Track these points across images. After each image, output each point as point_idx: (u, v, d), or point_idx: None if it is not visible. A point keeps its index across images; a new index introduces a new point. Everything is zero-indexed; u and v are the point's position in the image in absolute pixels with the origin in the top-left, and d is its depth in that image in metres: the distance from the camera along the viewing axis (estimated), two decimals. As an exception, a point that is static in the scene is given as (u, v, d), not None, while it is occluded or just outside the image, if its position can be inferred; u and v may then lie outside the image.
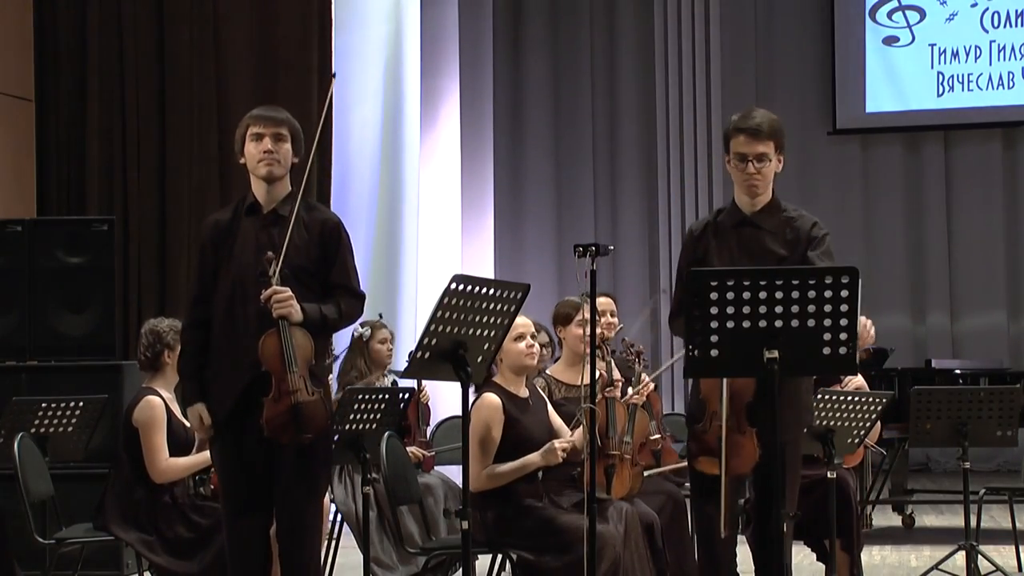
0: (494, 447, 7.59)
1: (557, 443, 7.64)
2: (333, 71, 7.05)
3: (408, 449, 9.44)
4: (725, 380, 6.58)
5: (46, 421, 9.20)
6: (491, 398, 7.60)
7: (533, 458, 7.65)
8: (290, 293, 6.64)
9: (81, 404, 9.23)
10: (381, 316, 10.77)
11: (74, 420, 9.21)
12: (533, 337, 7.78)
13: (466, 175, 14.69)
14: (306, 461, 6.90)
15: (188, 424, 8.42)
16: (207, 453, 8.07)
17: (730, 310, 6.11)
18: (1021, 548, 10.13)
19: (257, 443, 6.81)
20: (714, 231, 6.95)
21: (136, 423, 8.40)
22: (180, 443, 8.50)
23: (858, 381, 9.14)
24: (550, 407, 7.98)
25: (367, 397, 9.11)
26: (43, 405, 9.24)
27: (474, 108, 14.94)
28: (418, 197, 13.66)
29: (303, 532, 7.01)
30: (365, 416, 8.97)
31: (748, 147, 6.81)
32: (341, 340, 9.67)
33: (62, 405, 9.26)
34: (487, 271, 14.41)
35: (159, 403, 8.45)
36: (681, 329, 6.95)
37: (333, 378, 8.99)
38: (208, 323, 6.93)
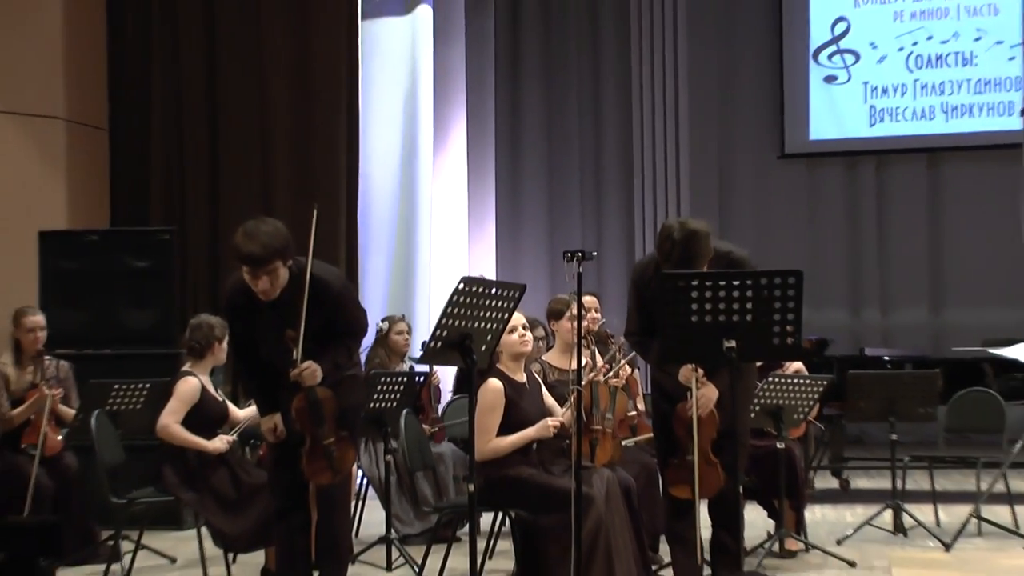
0: (496, 424, 7.62)
1: (550, 420, 7.68)
2: (315, 205, 6.96)
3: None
4: (696, 423, 6.60)
5: (118, 400, 9.27)
6: (494, 383, 7.62)
7: (529, 432, 7.67)
8: (313, 367, 6.75)
9: (147, 386, 9.30)
10: (404, 317, 10.81)
11: (141, 399, 9.27)
12: (524, 328, 7.80)
13: (471, 190, 14.73)
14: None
15: (220, 399, 8.57)
16: (201, 440, 8.35)
17: (695, 307, 6.15)
18: (938, 506, 10.20)
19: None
20: (656, 273, 6.86)
21: (172, 391, 8.49)
22: (213, 415, 8.61)
23: (796, 365, 9.21)
24: (544, 390, 8.01)
25: (387, 380, 9.19)
26: (115, 386, 9.31)
27: (478, 133, 14.96)
28: (431, 209, 13.68)
29: (335, 500, 7.08)
30: (386, 396, 9.06)
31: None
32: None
33: (131, 386, 9.34)
34: (489, 273, 14.43)
35: (195, 383, 8.51)
36: (636, 344, 7.01)
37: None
38: (253, 366, 7.09)
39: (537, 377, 8.17)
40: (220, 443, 8.41)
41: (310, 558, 7.09)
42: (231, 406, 8.74)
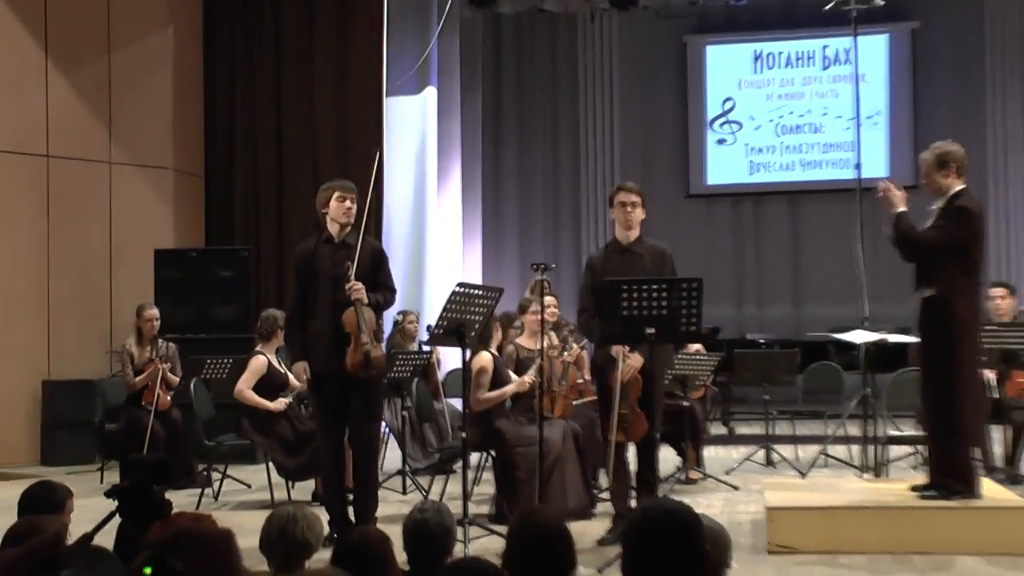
0: (488, 381, 7.66)
1: (526, 377, 7.75)
2: (375, 148, 7.35)
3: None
4: (619, 384, 6.59)
5: (211, 371, 9.33)
6: (486, 354, 7.71)
7: (510, 387, 7.75)
8: (360, 285, 6.76)
9: (231, 361, 9.35)
10: (415, 311, 10.83)
11: (226, 370, 9.31)
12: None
13: (465, 218, 14.71)
14: (371, 398, 6.97)
15: (282, 371, 8.55)
16: (265, 401, 8.44)
17: (625, 303, 6.18)
18: (797, 446, 10.23)
19: (341, 386, 6.85)
20: (605, 260, 6.94)
21: (246, 365, 8.58)
22: (277, 382, 8.64)
23: (697, 346, 9.22)
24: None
25: (403, 357, 9.21)
26: (208, 361, 9.37)
27: (469, 177, 14.94)
28: (435, 231, 13.66)
29: (369, 442, 7.09)
30: (403, 369, 9.05)
31: (626, 197, 6.83)
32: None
33: (219, 361, 9.40)
34: (477, 279, 14.41)
35: (263, 359, 8.60)
36: (584, 322, 6.99)
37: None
38: (303, 315, 7.00)
39: (510, 356, 8.26)
40: (279, 404, 8.47)
41: (345, 486, 7.14)
42: (290, 376, 8.72)
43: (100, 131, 11.88)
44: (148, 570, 1.99)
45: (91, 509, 3.68)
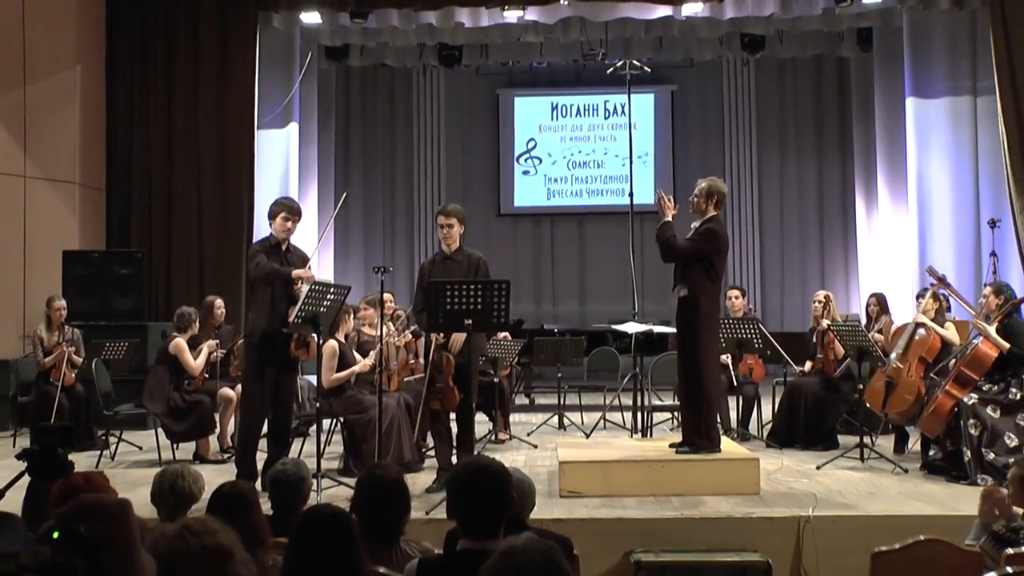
0: (336, 364, 7.55)
1: (367, 360, 7.67)
2: (345, 191, 7.33)
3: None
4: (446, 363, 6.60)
5: (109, 352, 9.11)
6: (333, 342, 7.57)
7: (355, 368, 7.66)
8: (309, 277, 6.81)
9: (126, 344, 9.11)
10: None
11: (122, 351, 9.10)
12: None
13: (319, 229, 14.49)
14: (294, 376, 7.05)
15: (191, 353, 8.28)
16: (200, 360, 8.30)
17: (449, 298, 6.17)
18: (583, 413, 10.38)
19: (280, 363, 6.80)
20: (432, 265, 6.95)
21: (172, 350, 8.29)
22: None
23: (504, 334, 9.27)
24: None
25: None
26: (107, 344, 9.14)
27: (324, 195, 14.72)
28: (295, 240, 13.32)
29: (291, 407, 7.16)
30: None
31: (443, 220, 6.92)
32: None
33: (116, 344, 9.17)
34: (330, 278, 14.20)
35: (183, 341, 8.31)
36: (419, 312, 6.97)
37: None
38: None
39: (354, 340, 8.18)
40: (203, 359, 8.37)
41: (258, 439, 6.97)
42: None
43: (16, 150, 11.42)
44: (56, 534, 1.92)
45: (5, 468, 3.51)
